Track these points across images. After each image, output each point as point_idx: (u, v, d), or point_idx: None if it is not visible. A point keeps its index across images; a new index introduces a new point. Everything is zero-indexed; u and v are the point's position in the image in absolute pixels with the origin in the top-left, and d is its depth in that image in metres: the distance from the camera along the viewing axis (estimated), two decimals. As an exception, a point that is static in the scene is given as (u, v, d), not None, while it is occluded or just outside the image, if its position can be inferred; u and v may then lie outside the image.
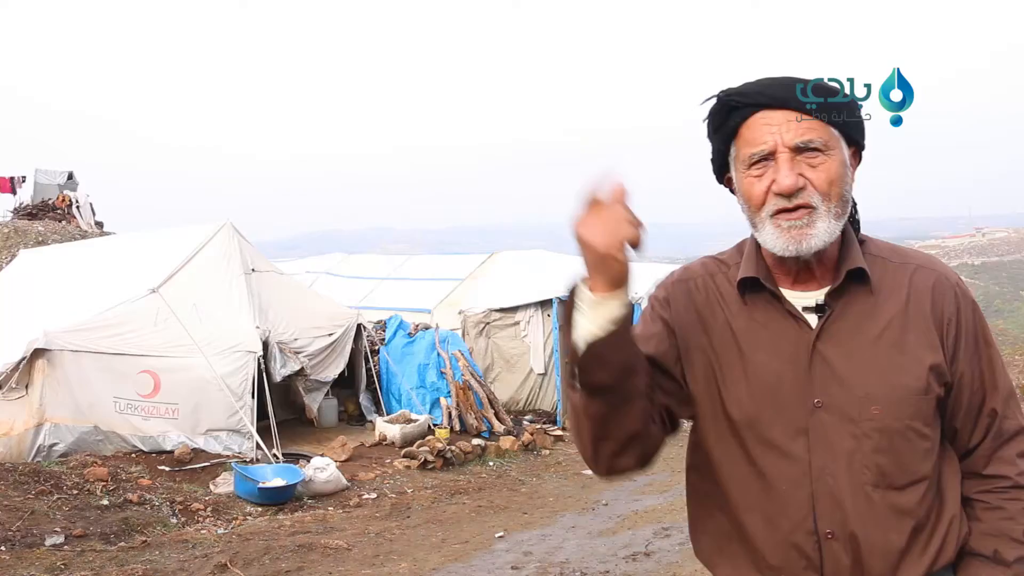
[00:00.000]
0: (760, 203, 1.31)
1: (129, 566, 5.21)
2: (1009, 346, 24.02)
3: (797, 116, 1.29)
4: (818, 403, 1.30)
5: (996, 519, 1.33)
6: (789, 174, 1.27)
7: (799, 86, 1.30)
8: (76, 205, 19.91)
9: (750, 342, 1.36)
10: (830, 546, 1.29)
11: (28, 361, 7.80)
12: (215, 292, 9.02)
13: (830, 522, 1.29)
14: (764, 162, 1.30)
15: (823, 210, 1.28)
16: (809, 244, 1.28)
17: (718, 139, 1.38)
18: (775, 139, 1.28)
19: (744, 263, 1.39)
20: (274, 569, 5.18)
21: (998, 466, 1.34)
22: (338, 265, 16.95)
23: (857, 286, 1.34)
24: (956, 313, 1.34)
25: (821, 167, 1.28)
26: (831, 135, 1.30)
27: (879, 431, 1.28)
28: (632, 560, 5.18)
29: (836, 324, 1.32)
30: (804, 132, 1.28)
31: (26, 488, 6.55)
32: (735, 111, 1.33)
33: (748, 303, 1.38)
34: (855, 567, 1.29)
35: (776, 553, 1.33)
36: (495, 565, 5.27)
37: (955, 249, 78.10)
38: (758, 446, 1.33)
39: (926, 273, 1.36)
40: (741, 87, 1.34)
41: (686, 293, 1.44)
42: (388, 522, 6.55)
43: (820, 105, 1.30)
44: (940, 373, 1.31)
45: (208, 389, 8.19)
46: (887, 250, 1.40)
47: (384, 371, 10.94)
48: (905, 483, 1.29)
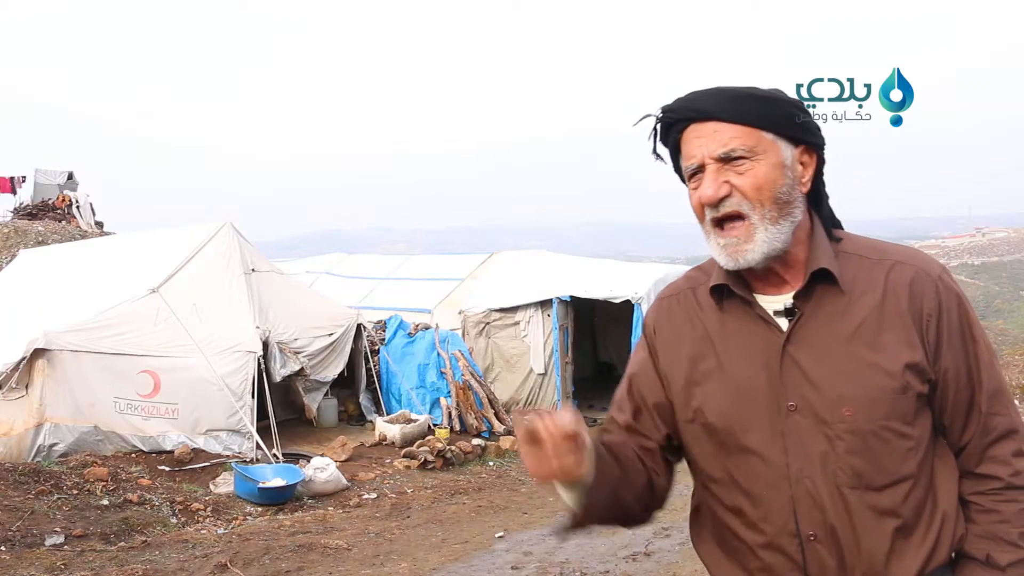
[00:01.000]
0: (700, 214, 1.34)
1: (129, 566, 5.20)
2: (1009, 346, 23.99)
3: (720, 126, 1.30)
4: (792, 406, 1.30)
5: (989, 522, 1.32)
6: (710, 184, 1.30)
7: (724, 95, 1.32)
8: (76, 205, 19.92)
9: (725, 349, 1.37)
10: (813, 548, 1.30)
11: (28, 361, 7.80)
12: (215, 292, 9.03)
13: (811, 524, 1.29)
14: (698, 174, 1.32)
15: (756, 218, 1.29)
16: (747, 258, 1.30)
17: (668, 153, 1.41)
18: (702, 152, 1.31)
19: (716, 271, 1.40)
20: (274, 569, 5.18)
21: (991, 466, 1.33)
22: (338, 265, 16.95)
23: (827, 286, 1.33)
24: (937, 308, 1.31)
25: (748, 173, 1.29)
26: (760, 139, 1.30)
27: (851, 433, 1.27)
28: (632, 560, 5.18)
29: (806, 326, 1.32)
30: (727, 141, 1.29)
31: (26, 488, 6.55)
32: (671, 127, 1.36)
33: (724, 309, 1.39)
34: (840, 568, 1.29)
35: (762, 555, 1.34)
36: (495, 565, 5.27)
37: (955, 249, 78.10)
38: (737, 451, 1.35)
39: (904, 268, 1.34)
40: (672, 103, 1.37)
41: (668, 311, 1.48)
42: (388, 522, 6.54)
43: (747, 112, 1.30)
44: (920, 371, 1.29)
45: (208, 389, 8.19)
46: (866, 247, 1.39)
47: (384, 371, 10.94)
48: (884, 484, 1.28)
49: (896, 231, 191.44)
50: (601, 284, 12.22)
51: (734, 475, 1.36)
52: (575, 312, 12.32)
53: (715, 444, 1.37)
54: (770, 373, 1.32)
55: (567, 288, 12.02)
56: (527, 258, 14.66)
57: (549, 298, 11.97)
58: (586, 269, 13.49)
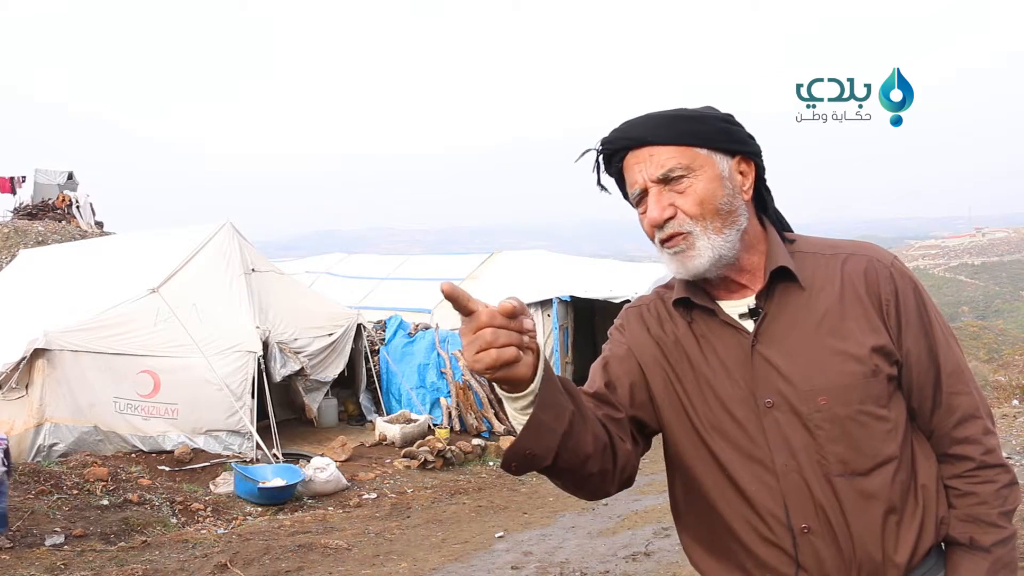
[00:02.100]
0: (651, 235, 1.39)
1: (129, 566, 5.21)
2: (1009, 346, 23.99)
3: (653, 150, 1.34)
4: (769, 403, 1.33)
5: (968, 505, 1.35)
6: (655, 207, 1.34)
7: (654, 120, 1.36)
8: (76, 205, 19.92)
9: (697, 356, 1.41)
10: (807, 540, 1.32)
11: (28, 361, 7.81)
12: (215, 292, 9.03)
13: (803, 517, 1.32)
14: (643, 199, 1.37)
15: (699, 231, 1.33)
16: (694, 264, 1.34)
17: (616, 184, 1.44)
18: (642, 177, 1.35)
19: (678, 284, 1.45)
20: (274, 569, 5.18)
21: (962, 447, 1.36)
22: (338, 265, 16.96)
23: (788, 285, 1.37)
24: (894, 293, 1.35)
25: (688, 191, 1.33)
26: (695, 156, 1.34)
27: (829, 420, 1.30)
28: (632, 560, 5.18)
29: (772, 325, 1.36)
30: (663, 163, 1.33)
31: (26, 488, 6.55)
32: (612, 157, 1.40)
33: (690, 320, 1.43)
34: (836, 557, 1.31)
35: (758, 552, 1.36)
36: (495, 565, 5.27)
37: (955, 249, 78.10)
38: (724, 452, 1.37)
39: (857, 260, 1.38)
40: (609, 134, 1.41)
41: (637, 317, 1.51)
42: (388, 522, 6.55)
43: (678, 132, 1.34)
44: (887, 353, 1.33)
45: (208, 389, 8.20)
46: (819, 244, 1.44)
47: (384, 371, 10.94)
48: (869, 467, 1.31)
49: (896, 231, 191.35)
50: (601, 284, 12.22)
51: (724, 475, 1.38)
52: (575, 312, 12.32)
53: (704, 447, 1.40)
54: (743, 374, 1.36)
55: (567, 288, 12.03)
56: (527, 258, 14.67)
57: (549, 298, 11.97)
58: (586, 269, 13.50)
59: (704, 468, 1.41)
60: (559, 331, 11.79)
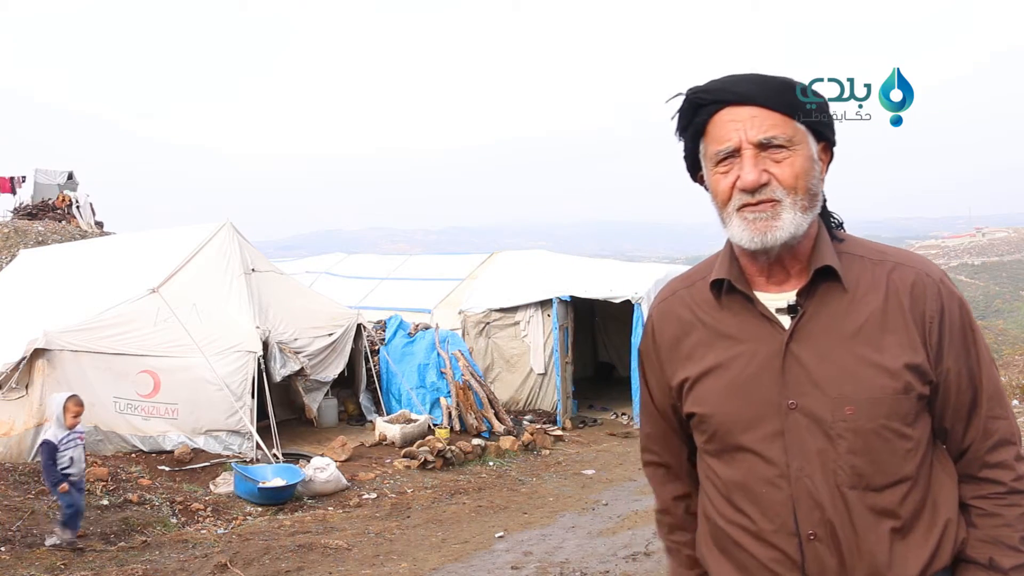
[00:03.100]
0: (726, 198, 1.32)
1: (129, 566, 5.20)
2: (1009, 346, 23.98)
3: (763, 112, 1.29)
4: (792, 405, 1.30)
5: (992, 526, 1.32)
6: (752, 170, 1.28)
7: (765, 82, 1.31)
8: (76, 205, 19.92)
9: (725, 346, 1.37)
10: (813, 547, 1.29)
11: (28, 361, 7.80)
12: (215, 292, 9.02)
13: (811, 523, 1.29)
14: (730, 158, 1.31)
15: (788, 202, 1.29)
16: (775, 236, 1.29)
17: (687, 137, 1.39)
18: (740, 136, 1.29)
19: (718, 265, 1.40)
20: (274, 569, 5.17)
21: (993, 471, 1.33)
22: (338, 265, 16.96)
23: (831, 285, 1.33)
24: (940, 312, 1.31)
25: (786, 162, 1.29)
26: (796, 131, 1.31)
27: (852, 431, 1.28)
28: (632, 560, 5.18)
29: (809, 325, 1.32)
30: (768, 128, 1.29)
31: (26, 488, 6.55)
32: (701, 108, 1.34)
33: (724, 306, 1.39)
34: (840, 568, 1.29)
35: (761, 554, 1.34)
36: (495, 565, 5.26)
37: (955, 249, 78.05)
38: (737, 449, 1.35)
39: (905, 271, 1.34)
40: (707, 84, 1.35)
41: (666, 313, 1.48)
42: (388, 522, 6.54)
43: (787, 102, 1.30)
44: (922, 372, 1.29)
45: (208, 389, 8.19)
46: (866, 248, 1.40)
47: (384, 371, 10.94)
48: (884, 484, 1.28)
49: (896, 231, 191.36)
50: (601, 284, 12.22)
51: (734, 473, 1.36)
52: (575, 312, 12.32)
53: (714, 441, 1.38)
54: (772, 372, 1.32)
55: (567, 288, 12.02)
56: (527, 258, 14.66)
57: (549, 298, 11.97)
58: (586, 269, 13.49)
59: (712, 464, 1.40)
60: (559, 331, 11.78)
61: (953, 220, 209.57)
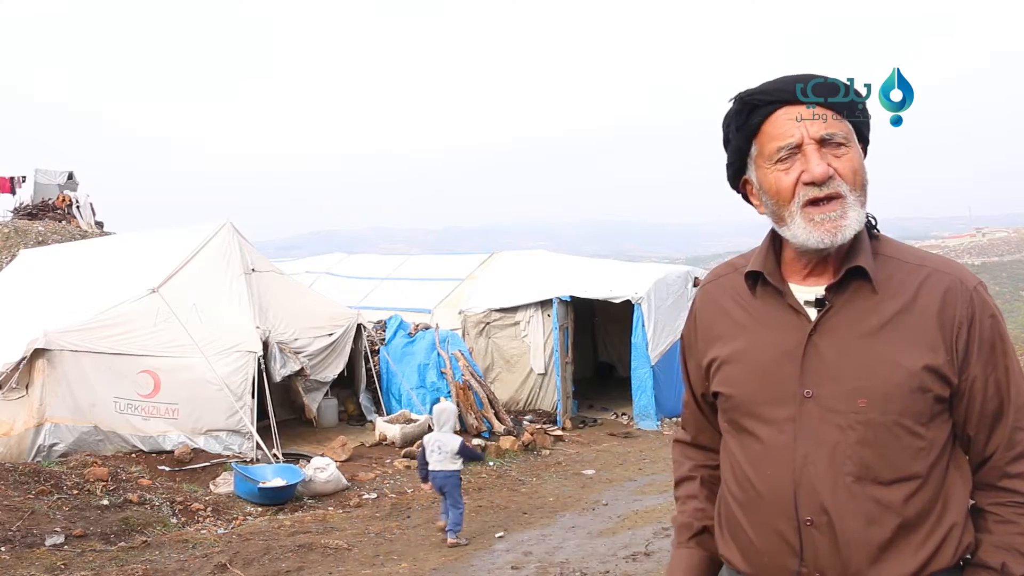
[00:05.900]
0: (790, 195, 1.35)
1: (129, 566, 5.20)
2: (1009, 346, 23.90)
3: (821, 111, 1.34)
4: (808, 394, 1.34)
5: (1007, 532, 1.33)
6: (820, 163, 1.31)
7: (820, 82, 1.35)
8: (76, 205, 19.91)
9: (754, 333, 1.42)
10: (810, 533, 1.32)
11: (28, 361, 7.80)
12: (215, 292, 9.03)
13: (809, 510, 1.32)
14: (790, 157, 1.34)
15: (852, 199, 1.32)
16: (844, 235, 1.32)
17: (740, 137, 1.41)
18: (801, 132, 1.33)
19: (755, 258, 1.45)
20: (274, 569, 5.17)
21: (1013, 481, 1.34)
22: (338, 265, 16.95)
23: (861, 283, 1.36)
24: (970, 319, 1.33)
25: (845, 157, 1.33)
26: (849, 129, 1.35)
27: (864, 424, 1.30)
28: (632, 560, 5.17)
29: (834, 319, 1.36)
30: (828, 126, 1.33)
31: (26, 488, 6.55)
32: (757, 109, 1.37)
33: (758, 295, 1.44)
34: (835, 556, 1.30)
35: (759, 537, 1.37)
36: (495, 565, 5.26)
37: (955, 249, 78.00)
38: (748, 432, 1.40)
39: (940, 277, 1.36)
40: (763, 85, 1.39)
41: (708, 295, 1.55)
42: (388, 522, 6.54)
43: (841, 101, 1.35)
44: (941, 375, 1.31)
45: (208, 389, 8.19)
46: (906, 252, 1.41)
47: (384, 371, 10.94)
48: (891, 479, 1.30)
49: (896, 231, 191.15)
50: (601, 284, 12.22)
51: (743, 454, 1.40)
52: (575, 312, 12.31)
53: (732, 420, 1.43)
54: (792, 360, 1.36)
55: (567, 288, 12.02)
56: (527, 258, 14.65)
57: (549, 298, 11.97)
58: (586, 269, 13.49)
59: (734, 441, 1.44)
60: (559, 331, 11.78)
61: (953, 220, 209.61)
